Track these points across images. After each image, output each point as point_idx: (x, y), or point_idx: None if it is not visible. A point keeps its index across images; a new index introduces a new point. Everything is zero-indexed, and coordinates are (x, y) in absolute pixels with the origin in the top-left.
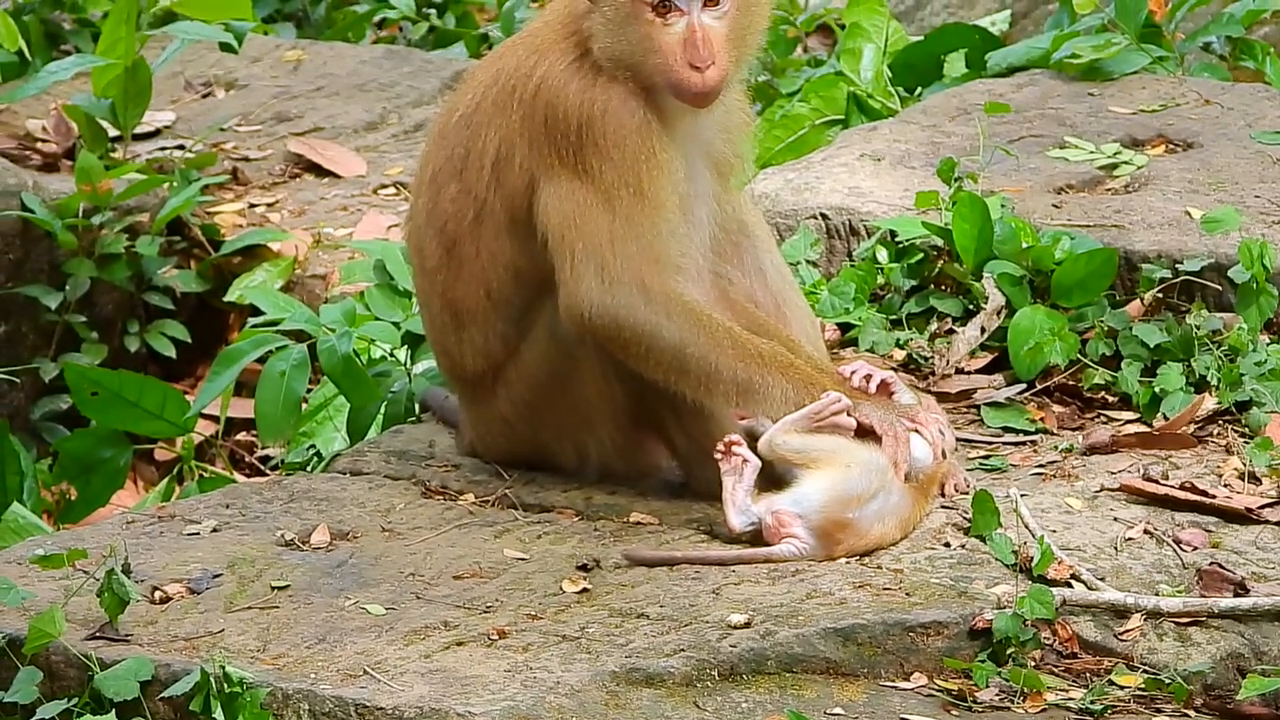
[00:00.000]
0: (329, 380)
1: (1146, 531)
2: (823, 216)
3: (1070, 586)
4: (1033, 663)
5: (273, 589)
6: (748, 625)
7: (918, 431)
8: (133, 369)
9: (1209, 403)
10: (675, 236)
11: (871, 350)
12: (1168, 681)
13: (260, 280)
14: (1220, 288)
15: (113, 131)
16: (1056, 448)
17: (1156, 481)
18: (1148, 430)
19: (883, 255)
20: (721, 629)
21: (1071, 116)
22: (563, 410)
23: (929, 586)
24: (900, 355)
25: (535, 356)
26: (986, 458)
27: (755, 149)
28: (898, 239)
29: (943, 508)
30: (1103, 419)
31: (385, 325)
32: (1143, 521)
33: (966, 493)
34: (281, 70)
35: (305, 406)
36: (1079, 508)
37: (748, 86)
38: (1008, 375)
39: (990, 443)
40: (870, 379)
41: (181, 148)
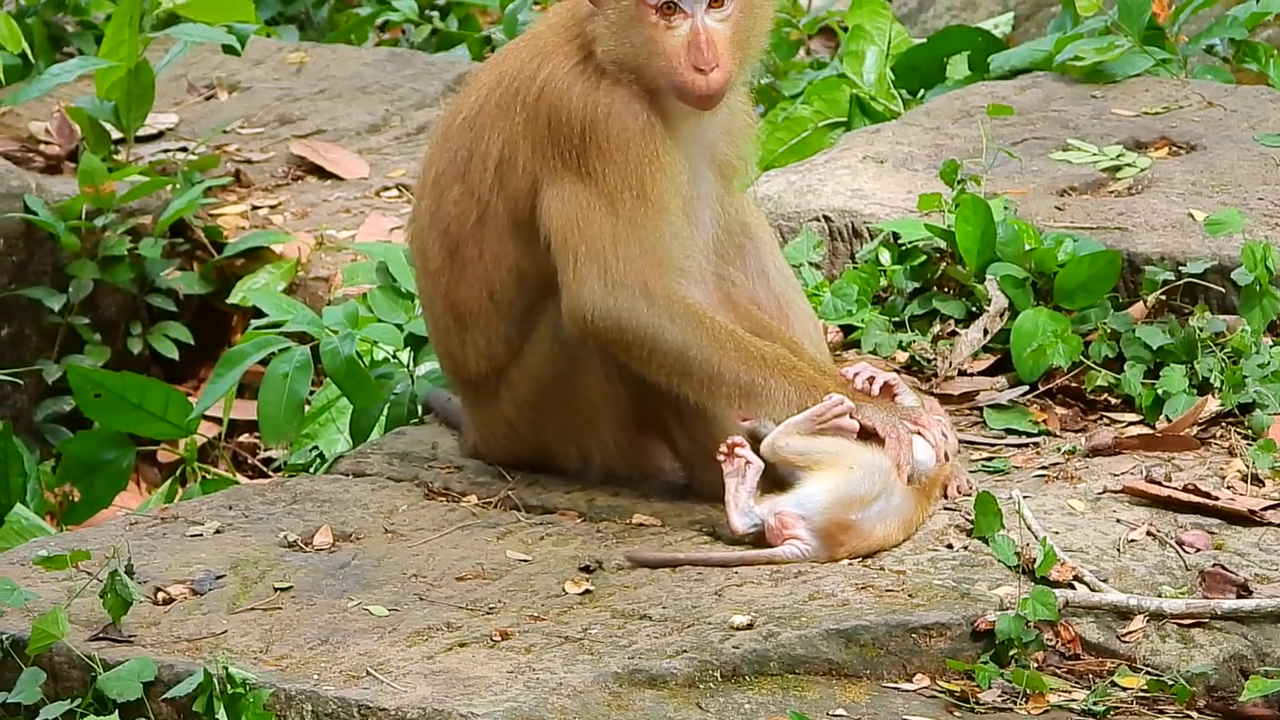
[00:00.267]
0: (332, 382)
1: (1149, 533)
2: (825, 219)
3: (1073, 588)
4: (1035, 664)
5: (275, 590)
6: (750, 626)
7: (920, 433)
8: (136, 371)
9: (1212, 405)
10: (678, 239)
11: (874, 352)
12: (1170, 683)
13: (263, 282)
14: (1223, 290)
15: (115, 134)
16: (1059, 450)
17: (1159, 483)
18: (1150, 432)
19: (885, 257)
20: (724, 630)
21: (1074, 119)
22: (566, 412)
23: (931, 588)
24: (903, 357)
25: (538, 358)
26: (989, 459)
27: (758, 151)
28: (900, 241)
29: (945, 509)
30: (1105, 421)
31: (388, 327)
32: (1145, 523)
33: (969, 494)
34: (284, 73)
35: (308, 408)
36: (1082, 509)
37: (750, 89)
38: (1010, 377)
39: (993, 444)
40: (873, 381)
41: (184, 150)
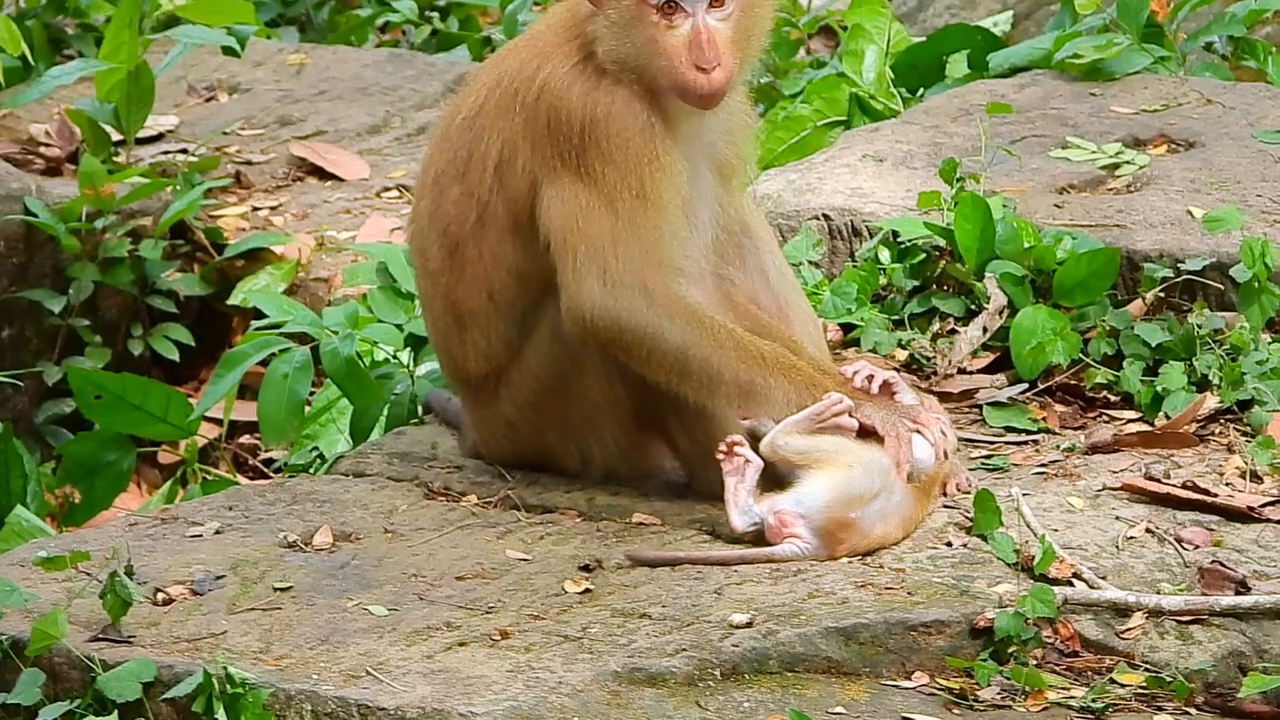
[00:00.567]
0: (332, 383)
1: (1148, 530)
2: (825, 217)
3: (1072, 585)
4: (1034, 661)
5: (275, 590)
6: (750, 625)
7: (920, 432)
8: (136, 372)
9: (1211, 402)
10: (678, 239)
11: (874, 351)
12: (1169, 680)
13: (263, 283)
14: (1222, 287)
15: (116, 136)
16: (1058, 447)
17: (1158, 480)
18: (1149, 429)
19: (885, 256)
20: (724, 629)
21: (1073, 116)
22: (565, 412)
23: (931, 586)
24: (902, 355)
25: (538, 358)
26: (988, 457)
27: (757, 150)
28: (900, 239)
29: (944, 507)
30: (1105, 418)
31: (388, 327)
32: (1144, 520)
33: (968, 492)
34: (284, 74)
35: (308, 409)
36: (1081, 507)
37: (750, 88)
38: (1010, 375)
39: (992, 442)
40: (872, 379)
41: (184, 151)
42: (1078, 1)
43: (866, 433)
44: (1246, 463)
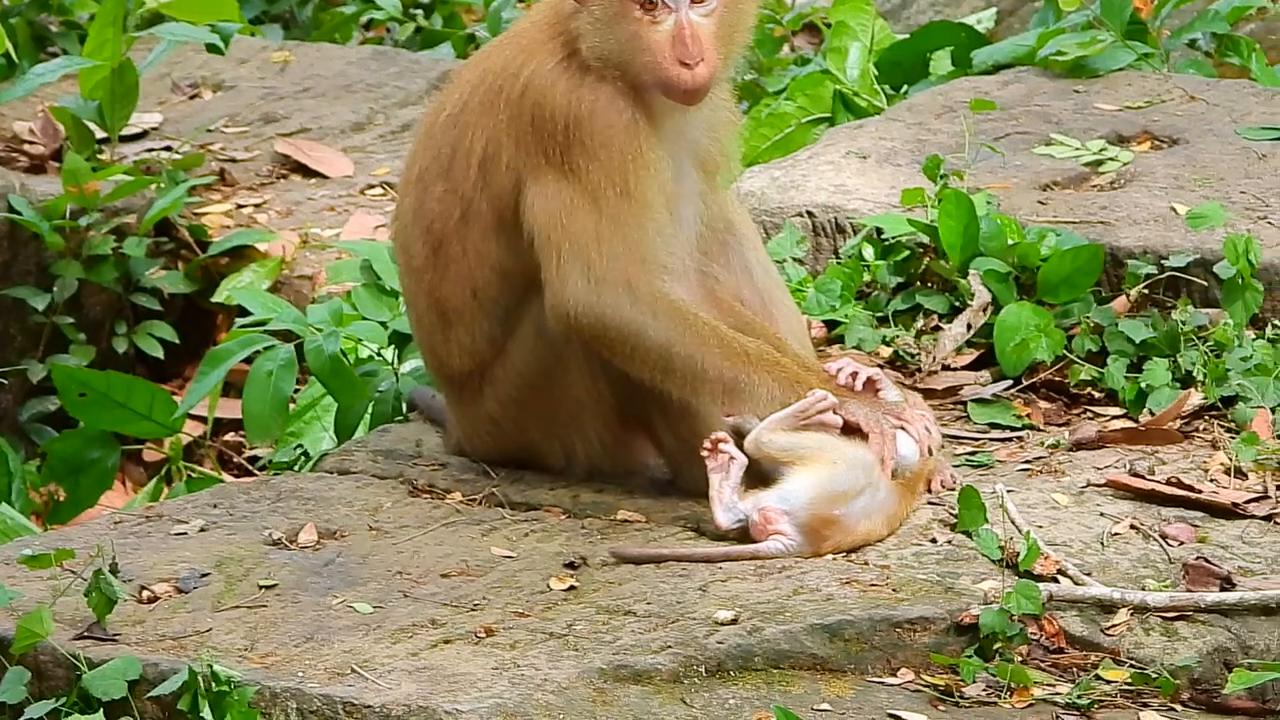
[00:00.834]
0: (316, 380)
1: (1133, 526)
2: (809, 214)
3: (1057, 582)
4: (1019, 658)
5: (260, 588)
6: (735, 622)
7: (904, 428)
8: (121, 370)
9: (1195, 398)
10: (662, 236)
11: (858, 347)
12: (1154, 676)
13: (248, 281)
14: (1206, 283)
15: (100, 133)
16: (1043, 444)
17: (1143, 477)
18: (1134, 426)
19: (869, 252)
20: (709, 626)
21: (1057, 113)
22: (550, 409)
23: (916, 582)
24: (887, 352)
25: (522, 355)
26: (973, 454)
27: (741, 147)
28: (884, 236)
29: (929, 504)
30: (1089, 415)
31: (372, 325)
32: (1129, 517)
33: (953, 489)
34: (268, 71)
35: (293, 406)
36: (1065, 503)
37: (734, 85)
38: (994, 372)
39: (977, 439)
40: (856, 376)
41: (169, 149)
42: None
43: (851, 430)
44: (1231, 459)
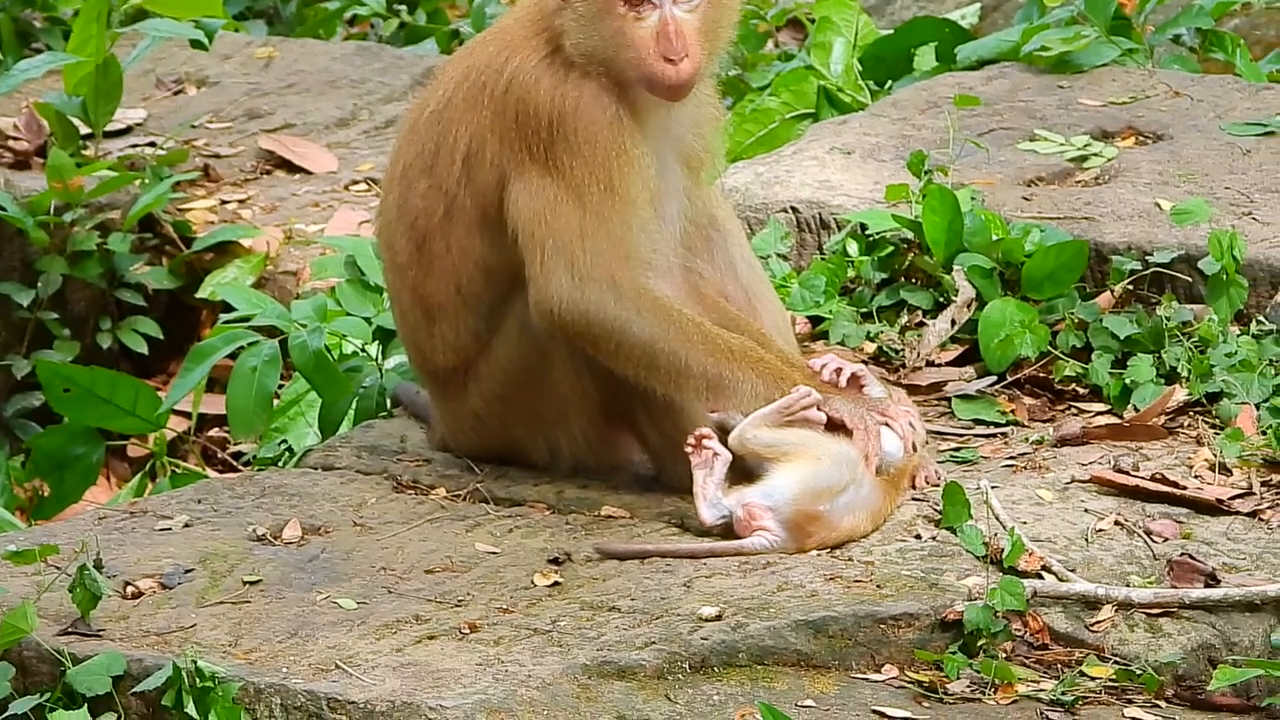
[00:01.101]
0: (300, 376)
1: (1117, 523)
2: (793, 210)
3: (1041, 578)
4: (1004, 654)
5: (244, 584)
6: (719, 618)
7: (888, 424)
8: (105, 366)
9: (1179, 394)
10: (646, 232)
11: (842, 343)
12: (1139, 672)
13: (232, 276)
14: (1190, 279)
15: (84, 129)
16: (1027, 440)
17: (1127, 473)
18: (1118, 422)
19: (853, 248)
20: (693, 621)
21: (1041, 109)
22: (534, 405)
23: (900, 578)
24: (871, 348)
25: (506, 352)
26: (957, 450)
27: (725, 143)
28: (868, 232)
29: (913, 500)
30: (1073, 411)
31: (356, 320)
32: (1113, 513)
33: (937, 485)
34: (253, 67)
35: (277, 402)
36: (1050, 499)
37: (718, 81)
38: (978, 368)
39: (961, 435)
40: (840, 372)
41: (153, 145)
42: None
43: (835, 426)
44: (1215, 455)
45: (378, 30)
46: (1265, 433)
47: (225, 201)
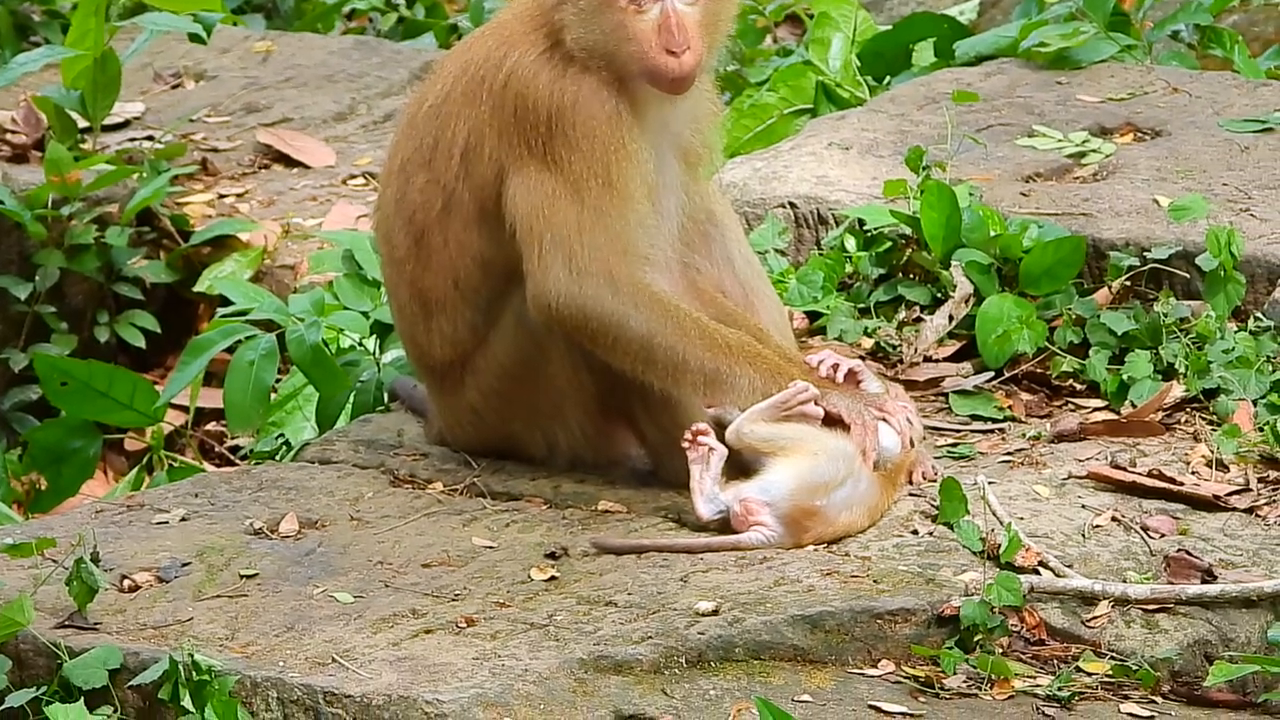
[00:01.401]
0: (298, 370)
1: (1114, 519)
2: (791, 205)
3: (1038, 573)
4: (1000, 650)
5: (241, 577)
6: (716, 613)
7: (885, 420)
8: (102, 359)
9: (1177, 390)
10: (643, 227)
11: (840, 339)
12: (1135, 668)
13: (229, 270)
14: (1188, 275)
15: (82, 123)
16: (1024, 435)
17: (1124, 469)
18: (1116, 418)
19: (851, 244)
20: (689, 616)
21: (1040, 105)
22: (531, 399)
23: (897, 574)
24: (868, 343)
25: (504, 346)
26: (954, 445)
27: (723, 138)
28: (866, 227)
29: (910, 495)
30: (1071, 407)
31: (354, 315)
32: (1110, 509)
33: (934, 480)
34: (250, 61)
35: (274, 396)
36: (1047, 495)
37: (716, 76)
38: (976, 363)
39: (958, 430)
40: (838, 368)
41: (151, 139)
42: None
43: (832, 421)
44: (1212, 451)
45: (376, 25)
46: (1262, 429)
47: (223, 195)
